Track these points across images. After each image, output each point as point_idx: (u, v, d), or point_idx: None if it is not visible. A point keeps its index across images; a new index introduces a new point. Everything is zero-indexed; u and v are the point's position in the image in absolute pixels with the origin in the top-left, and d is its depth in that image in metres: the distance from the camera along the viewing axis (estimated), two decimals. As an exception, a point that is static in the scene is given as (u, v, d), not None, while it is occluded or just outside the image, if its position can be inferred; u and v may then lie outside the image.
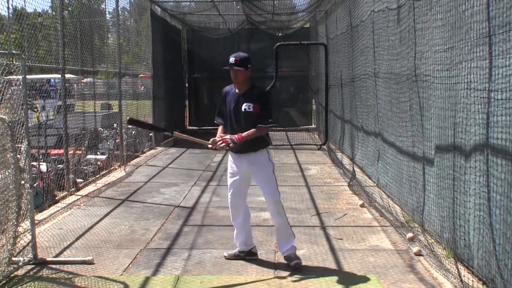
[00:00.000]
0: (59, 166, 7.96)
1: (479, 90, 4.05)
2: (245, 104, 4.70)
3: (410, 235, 5.50)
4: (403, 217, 6.10)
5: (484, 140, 4.00)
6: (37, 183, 6.82)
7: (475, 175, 4.16)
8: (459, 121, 4.48)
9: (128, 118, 5.40)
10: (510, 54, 3.59)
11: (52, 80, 12.82)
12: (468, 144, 4.30)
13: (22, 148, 4.81)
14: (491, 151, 3.89)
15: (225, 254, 5.07)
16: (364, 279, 4.50)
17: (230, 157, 4.92)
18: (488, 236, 3.93)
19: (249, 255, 4.99)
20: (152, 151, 12.88)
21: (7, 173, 4.56)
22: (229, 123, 4.78)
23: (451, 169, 4.68)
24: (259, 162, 4.81)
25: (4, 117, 4.49)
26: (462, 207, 4.44)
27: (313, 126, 17.08)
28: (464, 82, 4.32)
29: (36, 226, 5.29)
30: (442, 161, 4.93)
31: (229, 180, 4.92)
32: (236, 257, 5.00)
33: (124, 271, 4.76)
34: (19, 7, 7.65)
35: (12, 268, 4.63)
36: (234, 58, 4.73)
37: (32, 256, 4.90)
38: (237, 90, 4.81)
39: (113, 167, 10.01)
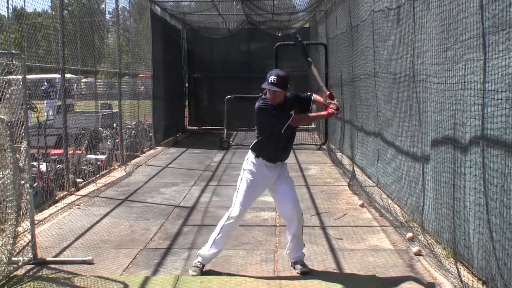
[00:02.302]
0: (58, 166, 7.95)
1: (475, 89, 4.06)
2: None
3: (409, 235, 5.51)
4: (403, 217, 6.10)
5: (480, 133, 4.02)
6: (37, 183, 6.82)
7: (474, 173, 4.17)
8: (457, 121, 4.48)
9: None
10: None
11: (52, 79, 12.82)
12: (466, 142, 4.30)
13: (22, 148, 4.80)
14: (486, 143, 3.91)
15: (192, 273, 4.62)
16: (364, 279, 4.50)
17: (257, 167, 4.63)
18: (487, 235, 3.93)
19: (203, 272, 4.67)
20: (152, 151, 12.87)
21: (6, 173, 4.55)
22: (277, 136, 4.57)
23: (451, 169, 4.68)
24: (286, 171, 4.81)
25: (3, 117, 4.49)
26: (462, 206, 4.44)
27: (313, 126, 17.07)
28: (462, 82, 4.33)
29: (36, 226, 5.29)
30: (441, 160, 4.94)
31: (251, 190, 4.63)
32: (201, 271, 4.63)
33: (123, 271, 4.76)
34: (19, 7, 7.66)
35: (12, 268, 4.63)
36: (275, 78, 4.42)
37: (32, 256, 4.90)
38: (273, 104, 4.55)
39: (113, 167, 10.00)
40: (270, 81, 4.45)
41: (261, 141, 4.68)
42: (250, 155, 4.71)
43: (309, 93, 4.87)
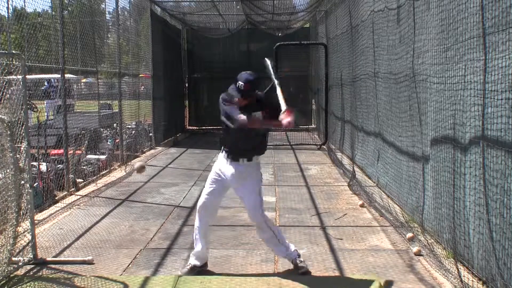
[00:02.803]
0: (59, 166, 7.95)
1: (475, 89, 4.06)
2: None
3: (410, 235, 5.50)
4: (403, 217, 6.10)
5: (480, 133, 4.02)
6: (37, 183, 6.82)
7: (474, 173, 4.17)
8: (457, 121, 4.48)
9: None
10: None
11: (52, 80, 12.82)
12: (466, 142, 4.30)
13: (22, 148, 4.80)
14: (486, 144, 3.91)
15: (180, 272, 4.66)
16: (364, 279, 4.50)
17: (220, 161, 4.62)
18: (487, 235, 3.93)
19: (204, 266, 4.70)
20: (152, 151, 12.88)
21: (7, 173, 4.55)
22: (237, 132, 4.47)
23: (451, 169, 4.68)
24: (252, 174, 4.59)
25: (3, 117, 4.49)
26: (462, 206, 4.45)
27: (313, 126, 17.08)
28: (462, 82, 4.33)
29: (36, 226, 5.29)
30: (441, 160, 4.94)
31: (210, 182, 4.62)
32: (191, 271, 4.62)
33: (124, 271, 4.76)
34: (19, 7, 7.66)
35: (12, 268, 4.63)
36: (243, 84, 4.35)
37: (32, 256, 4.90)
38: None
39: (113, 167, 10.01)
40: (237, 86, 4.38)
41: (224, 133, 4.60)
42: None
43: (286, 107, 4.54)
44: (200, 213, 4.67)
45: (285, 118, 4.33)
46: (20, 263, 4.76)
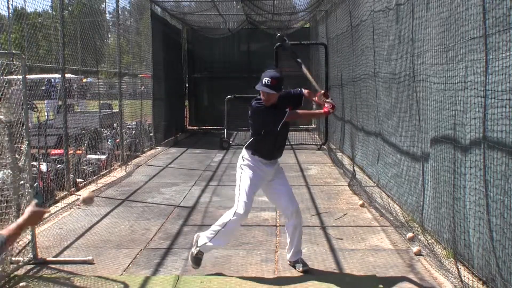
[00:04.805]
0: (59, 166, 7.95)
1: (476, 89, 4.06)
2: None
3: (410, 235, 5.51)
4: (403, 217, 6.10)
5: (481, 134, 4.02)
6: (37, 183, 6.82)
7: (475, 173, 4.16)
8: (458, 122, 4.48)
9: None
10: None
11: (52, 79, 12.82)
12: (467, 143, 4.30)
13: (22, 148, 4.80)
14: (487, 144, 3.91)
15: (194, 266, 4.69)
16: (364, 279, 4.50)
17: (255, 164, 4.64)
18: (487, 235, 3.93)
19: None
20: (152, 151, 12.88)
21: (6, 173, 4.56)
22: (274, 135, 4.60)
23: (451, 169, 4.68)
24: (281, 169, 4.89)
25: (1, 117, 4.49)
26: (462, 206, 4.44)
27: (313, 126, 17.07)
28: (463, 82, 4.33)
29: (36, 226, 5.29)
30: (441, 160, 4.94)
31: (253, 186, 4.61)
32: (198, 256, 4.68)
33: (124, 271, 4.76)
34: (19, 7, 7.67)
35: (12, 268, 4.63)
36: (269, 80, 4.44)
37: (32, 256, 4.90)
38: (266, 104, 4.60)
39: (113, 167, 10.01)
40: (264, 83, 4.47)
41: (257, 140, 4.69)
42: (245, 153, 4.72)
43: (299, 89, 4.89)
44: (241, 219, 4.70)
45: (325, 103, 4.62)
46: (21, 263, 4.77)
